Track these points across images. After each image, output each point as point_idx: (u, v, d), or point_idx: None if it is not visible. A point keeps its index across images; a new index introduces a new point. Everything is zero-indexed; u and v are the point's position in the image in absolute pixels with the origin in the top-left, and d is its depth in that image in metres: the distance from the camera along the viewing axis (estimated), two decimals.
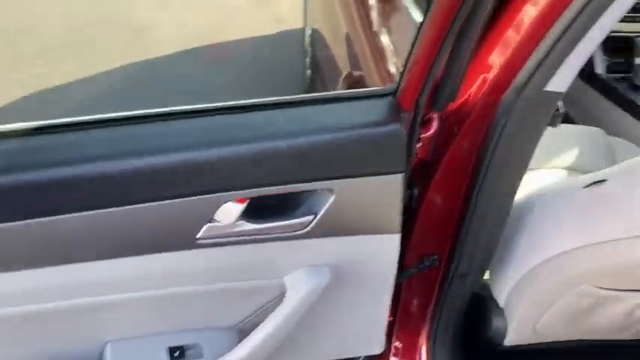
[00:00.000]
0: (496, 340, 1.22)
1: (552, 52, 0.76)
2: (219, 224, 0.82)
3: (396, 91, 0.81)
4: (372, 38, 1.45)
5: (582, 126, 1.68)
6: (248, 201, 0.81)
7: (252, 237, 0.83)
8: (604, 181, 0.89)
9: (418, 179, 0.99)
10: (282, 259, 0.87)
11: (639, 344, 1.24)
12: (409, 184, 0.97)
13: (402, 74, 0.80)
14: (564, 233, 0.99)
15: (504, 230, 1.07)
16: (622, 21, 1.82)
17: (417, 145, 0.91)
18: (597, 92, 1.85)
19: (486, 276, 1.20)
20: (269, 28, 2.92)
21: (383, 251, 0.91)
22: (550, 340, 1.24)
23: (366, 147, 0.81)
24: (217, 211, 0.80)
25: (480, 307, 1.20)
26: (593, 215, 0.92)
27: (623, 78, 1.83)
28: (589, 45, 0.75)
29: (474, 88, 0.87)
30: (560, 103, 0.90)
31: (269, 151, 0.78)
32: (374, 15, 1.51)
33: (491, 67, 0.83)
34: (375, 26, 1.47)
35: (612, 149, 1.59)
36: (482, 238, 1.05)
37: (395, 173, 0.82)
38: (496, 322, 1.20)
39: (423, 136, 0.92)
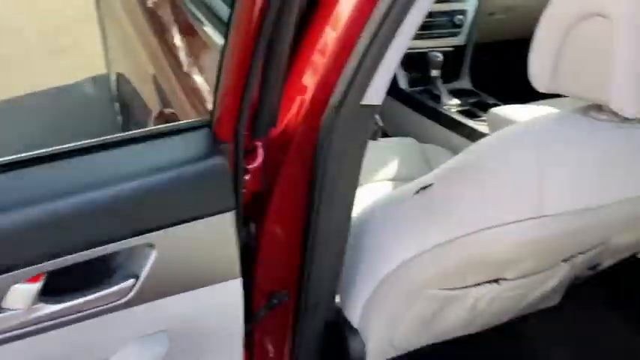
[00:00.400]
0: None
1: (361, 68, 0.75)
2: (8, 314, 0.65)
3: (211, 122, 0.74)
4: (182, 75, 1.37)
5: (397, 138, 1.78)
6: (45, 276, 0.66)
7: (59, 320, 0.68)
8: (431, 185, 0.91)
9: (253, 214, 0.92)
10: (104, 337, 0.73)
11: (483, 334, 1.31)
12: (244, 221, 0.90)
13: (214, 104, 0.73)
14: (402, 243, 0.99)
15: (347, 251, 1.05)
16: (415, 38, 2.00)
17: (246, 178, 0.85)
18: (404, 105, 1.99)
19: (338, 300, 1.18)
20: (67, 78, 2.69)
21: (226, 300, 0.82)
22: (408, 351, 1.25)
23: (186, 187, 0.71)
24: (4, 298, 0.65)
25: (337, 334, 1.17)
26: (426, 220, 0.93)
27: (423, 90, 1.99)
28: (394, 57, 0.77)
29: (293, 112, 0.83)
30: (377, 117, 0.91)
31: (60, 211, 0.64)
32: (182, 53, 1.44)
33: (307, 89, 0.81)
34: (185, 64, 1.40)
35: (426, 155, 1.71)
36: (326, 263, 1.02)
37: (225, 212, 0.74)
38: (354, 346, 1.17)
39: (250, 167, 0.86)
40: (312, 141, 0.83)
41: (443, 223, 0.90)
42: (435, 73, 1.94)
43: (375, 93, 0.79)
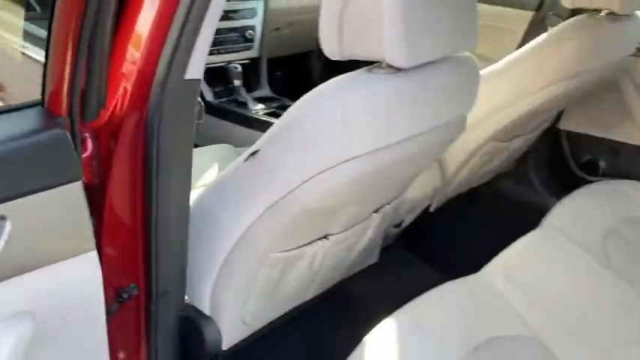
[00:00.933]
0: (215, 350, 1.24)
1: (180, 43, 0.83)
2: None
3: (42, 100, 0.75)
4: None
5: (214, 145, 1.88)
6: None
7: None
8: (258, 151, 1.02)
9: (91, 209, 0.93)
10: None
11: (317, 300, 1.46)
12: None
13: (44, 82, 0.75)
14: (239, 213, 1.08)
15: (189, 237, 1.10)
16: (212, 54, 2.13)
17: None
18: (215, 117, 2.10)
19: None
20: None
21: (85, 274, 0.82)
22: (261, 327, 1.33)
23: (29, 158, 0.72)
24: None
25: (191, 328, 1.20)
26: (257, 184, 1.04)
27: (229, 100, 2.13)
28: (208, 31, 0.86)
29: (119, 97, 0.88)
30: (198, 98, 0.99)
31: None
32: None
33: (131, 71, 0.86)
34: None
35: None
36: (171, 249, 1.06)
37: (72, 181, 0.76)
38: (209, 333, 1.22)
39: (83, 156, 0.87)
40: (142, 122, 0.89)
41: (273, 184, 1.02)
42: (237, 83, 2.09)
43: (196, 67, 0.87)
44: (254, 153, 1.02)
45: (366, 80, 0.96)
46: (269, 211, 1.04)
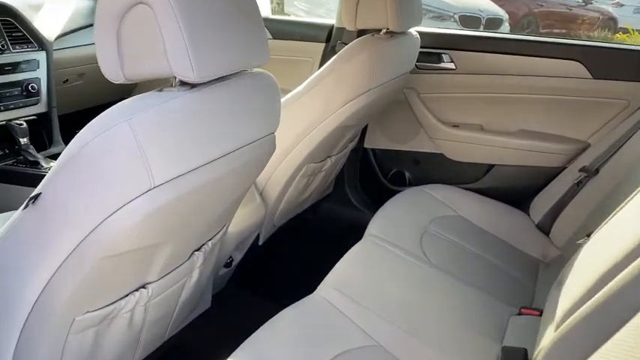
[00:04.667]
0: None
1: None
2: None
3: None
4: None
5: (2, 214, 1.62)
6: None
7: None
8: (39, 195, 0.87)
9: None
10: None
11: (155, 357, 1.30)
12: None
13: None
14: (27, 274, 0.91)
15: None
16: None
17: None
18: (1, 182, 1.83)
19: None
20: None
21: None
22: None
23: None
24: None
25: None
26: (45, 234, 0.88)
27: (17, 161, 1.87)
28: None
29: None
30: None
31: None
32: None
33: None
34: None
35: None
36: None
37: None
38: None
39: None
40: None
41: (64, 230, 0.87)
42: (24, 141, 1.86)
43: None
44: (34, 198, 0.87)
45: (158, 99, 0.88)
46: (66, 263, 0.89)
